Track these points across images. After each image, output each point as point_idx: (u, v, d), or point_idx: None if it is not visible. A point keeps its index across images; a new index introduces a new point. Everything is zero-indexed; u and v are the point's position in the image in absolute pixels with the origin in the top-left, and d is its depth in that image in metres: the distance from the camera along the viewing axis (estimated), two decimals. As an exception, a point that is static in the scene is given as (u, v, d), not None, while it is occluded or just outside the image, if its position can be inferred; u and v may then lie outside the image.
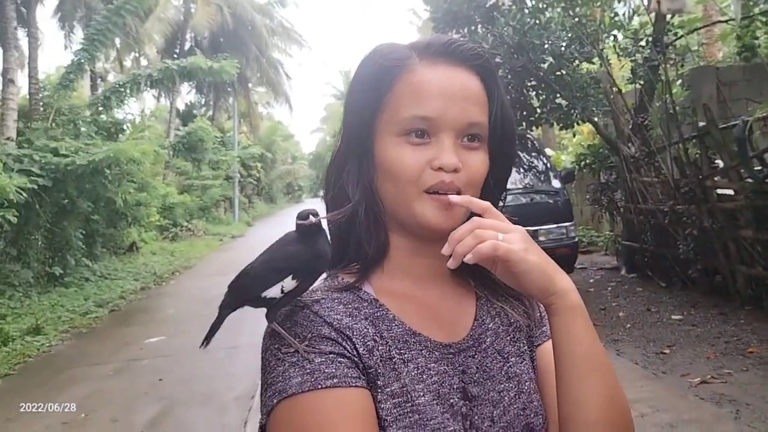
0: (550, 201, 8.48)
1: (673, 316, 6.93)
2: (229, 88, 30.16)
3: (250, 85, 33.58)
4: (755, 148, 6.64)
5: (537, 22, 8.03)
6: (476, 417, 0.87)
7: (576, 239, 8.74)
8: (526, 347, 0.99)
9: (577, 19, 8.45)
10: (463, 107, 0.89)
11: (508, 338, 0.98)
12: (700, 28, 10.73)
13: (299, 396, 0.79)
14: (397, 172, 0.89)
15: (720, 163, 7.22)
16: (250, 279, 0.89)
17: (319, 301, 0.89)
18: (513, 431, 0.89)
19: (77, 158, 10.39)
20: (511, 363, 0.95)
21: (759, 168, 6.60)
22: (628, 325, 6.78)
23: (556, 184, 8.71)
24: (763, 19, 8.43)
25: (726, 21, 10.46)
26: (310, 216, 0.89)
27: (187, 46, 28.96)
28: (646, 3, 9.66)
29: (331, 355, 0.82)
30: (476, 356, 0.93)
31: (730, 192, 7.08)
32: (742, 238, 6.88)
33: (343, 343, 0.84)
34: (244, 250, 18.86)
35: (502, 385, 0.92)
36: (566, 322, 0.86)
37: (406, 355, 0.87)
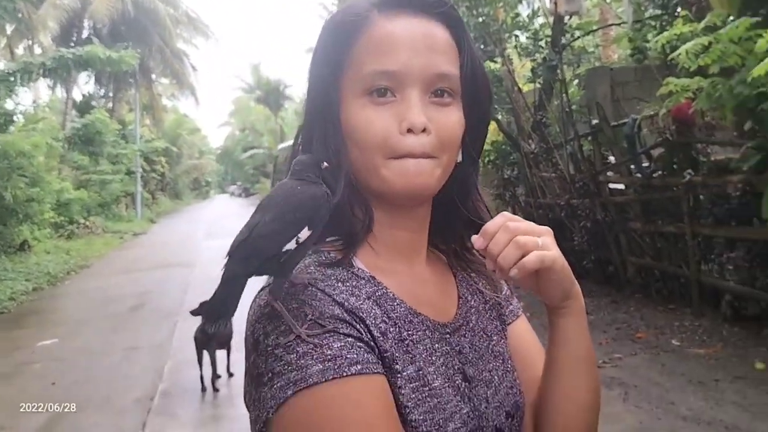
0: (456, 195, 8.65)
1: (569, 305, 7.23)
2: (131, 79, 29.01)
3: (153, 76, 32.50)
4: (643, 144, 7.02)
5: (442, 19, 8.18)
6: (475, 398, 0.84)
7: (480, 232, 8.95)
8: (500, 325, 0.97)
9: (481, 19, 8.68)
10: (428, 57, 0.81)
11: (487, 315, 0.96)
12: (595, 30, 11.26)
13: (322, 385, 0.70)
14: (362, 137, 0.81)
15: (612, 159, 7.60)
16: (265, 239, 0.74)
17: (317, 278, 0.79)
18: (504, 410, 0.87)
19: (-40, 151, 9.69)
20: (494, 341, 0.93)
21: (647, 164, 7.00)
22: (528, 314, 6.96)
23: (460, 179, 8.91)
24: (653, 23, 8.92)
25: (619, 24, 11.02)
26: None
27: (84, 34, 27.62)
28: (546, 5, 10.06)
29: (350, 339, 0.74)
30: (467, 335, 0.89)
31: (621, 186, 7.48)
32: (631, 230, 7.28)
33: (358, 326, 0.76)
34: (147, 247, 18.18)
35: (491, 365, 0.90)
36: (577, 324, 0.89)
37: (414, 337, 0.81)
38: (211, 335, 5.21)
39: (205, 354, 5.28)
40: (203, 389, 5.34)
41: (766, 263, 5.46)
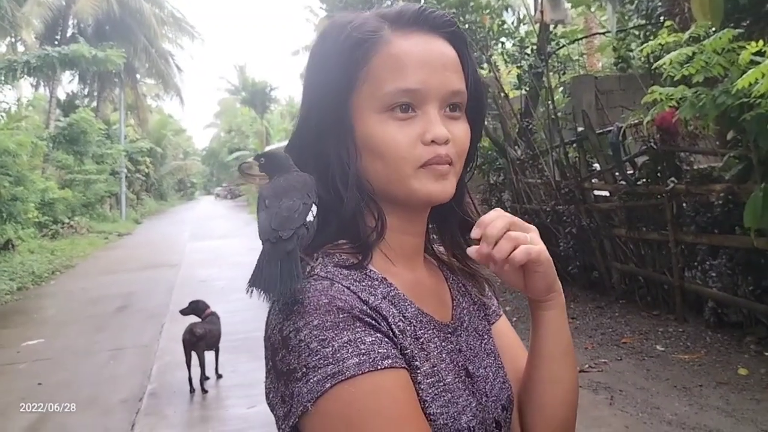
0: (443, 200, 8.71)
1: (554, 310, 7.30)
2: (116, 79, 28.87)
3: (138, 76, 32.25)
4: (628, 152, 7.11)
5: (430, 25, 8.24)
6: (478, 393, 0.89)
7: (467, 237, 9.03)
8: (487, 324, 1.02)
9: (467, 25, 8.74)
10: (444, 76, 0.86)
11: (476, 316, 1.00)
12: (580, 39, 11.38)
13: (358, 378, 0.73)
14: (387, 151, 0.85)
15: (597, 166, 7.68)
16: (293, 211, 0.81)
17: (336, 276, 0.82)
18: (500, 403, 0.92)
19: (-56, 149, 9.59)
20: (485, 340, 0.98)
21: (631, 171, 7.09)
22: (515, 319, 7.07)
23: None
24: (637, 33, 9.03)
25: (604, 33, 11.15)
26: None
27: (69, 32, 27.36)
28: (532, 13, 10.16)
29: (379, 335, 0.77)
30: (463, 335, 0.94)
31: (606, 193, 7.55)
32: (616, 237, 7.36)
33: (382, 323, 0.79)
34: (132, 248, 18.06)
35: (486, 362, 0.95)
36: (559, 317, 0.95)
37: (426, 335, 0.86)
38: (200, 336, 5.24)
39: (194, 355, 5.30)
40: (192, 390, 5.35)
41: (748, 271, 5.55)
